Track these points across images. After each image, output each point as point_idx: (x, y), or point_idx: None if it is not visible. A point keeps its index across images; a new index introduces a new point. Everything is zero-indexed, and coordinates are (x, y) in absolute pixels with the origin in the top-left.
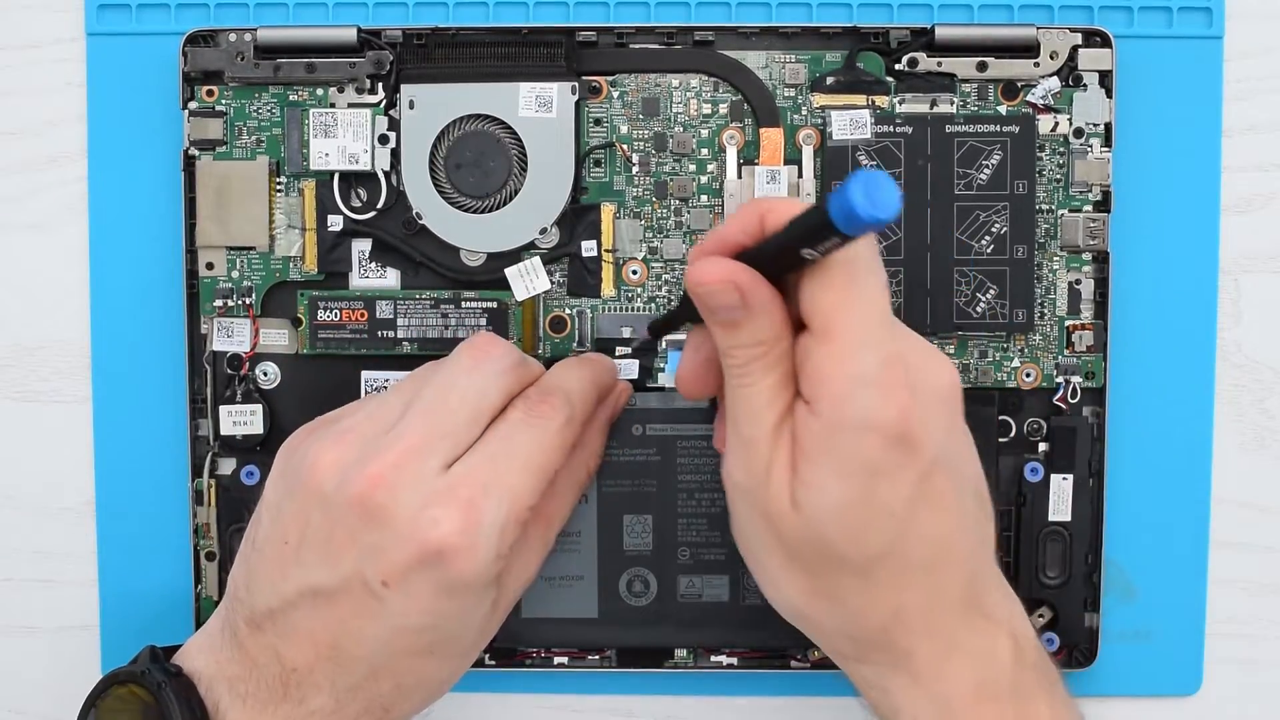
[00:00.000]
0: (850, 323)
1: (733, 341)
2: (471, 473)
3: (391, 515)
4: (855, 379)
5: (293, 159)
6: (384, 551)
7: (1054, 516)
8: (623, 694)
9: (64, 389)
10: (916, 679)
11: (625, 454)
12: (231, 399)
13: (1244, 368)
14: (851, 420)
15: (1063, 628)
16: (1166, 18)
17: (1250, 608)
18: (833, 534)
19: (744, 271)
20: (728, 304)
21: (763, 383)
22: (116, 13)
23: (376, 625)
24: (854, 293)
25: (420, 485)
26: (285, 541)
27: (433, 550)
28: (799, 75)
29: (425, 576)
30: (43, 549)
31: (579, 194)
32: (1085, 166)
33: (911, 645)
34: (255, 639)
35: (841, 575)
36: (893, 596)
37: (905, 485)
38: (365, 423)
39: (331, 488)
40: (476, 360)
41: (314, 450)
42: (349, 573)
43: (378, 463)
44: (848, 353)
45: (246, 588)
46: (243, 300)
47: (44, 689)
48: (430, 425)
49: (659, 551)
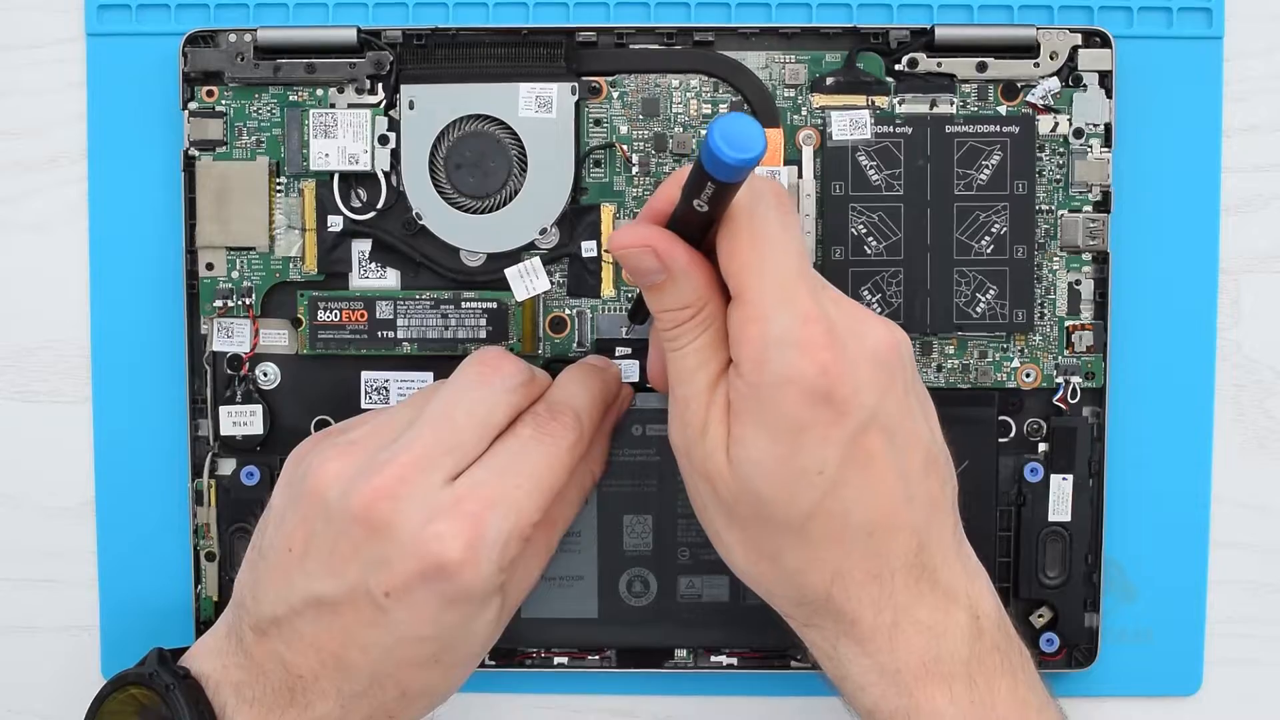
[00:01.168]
0: (763, 282)
1: (658, 305)
2: (478, 487)
3: (395, 528)
4: (773, 338)
5: (293, 159)
6: (387, 564)
7: (1054, 517)
8: (623, 694)
9: (64, 389)
10: (863, 647)
11: (625, 454)
12: (231, 399)
13: (1244, 368)
14: (772, 378)
15: (1063, 628)
16: (1166, 18)
17: (1250, 608)
18: (764, 491)
19: (660, 235)
20: (646, 267)
21: (692, 345)
22: (116, 13)
23: (380, 635)
24: (763, 253)
25: (424, 499)
26: (289, 550)
27: (435, 565)
28: (799, 76)
29: (428, 590)
30: (43, 549)
31: (579, 194)
32: (1085, 167)
33: (856, 612)
34: (261, 645)
35: (779, 534)
36: (831, 559)
37: (834, 444)
38: (371, 435)
39: (335, 498)
40: (485, 376)
41: (318, 460)
42: (352, 583)
43: (382, 475)
44: (762, 312)
45: (253, 595)
46: (243, 301)
47: (44, 689)
48: (436, 439)
49: (659, 552)
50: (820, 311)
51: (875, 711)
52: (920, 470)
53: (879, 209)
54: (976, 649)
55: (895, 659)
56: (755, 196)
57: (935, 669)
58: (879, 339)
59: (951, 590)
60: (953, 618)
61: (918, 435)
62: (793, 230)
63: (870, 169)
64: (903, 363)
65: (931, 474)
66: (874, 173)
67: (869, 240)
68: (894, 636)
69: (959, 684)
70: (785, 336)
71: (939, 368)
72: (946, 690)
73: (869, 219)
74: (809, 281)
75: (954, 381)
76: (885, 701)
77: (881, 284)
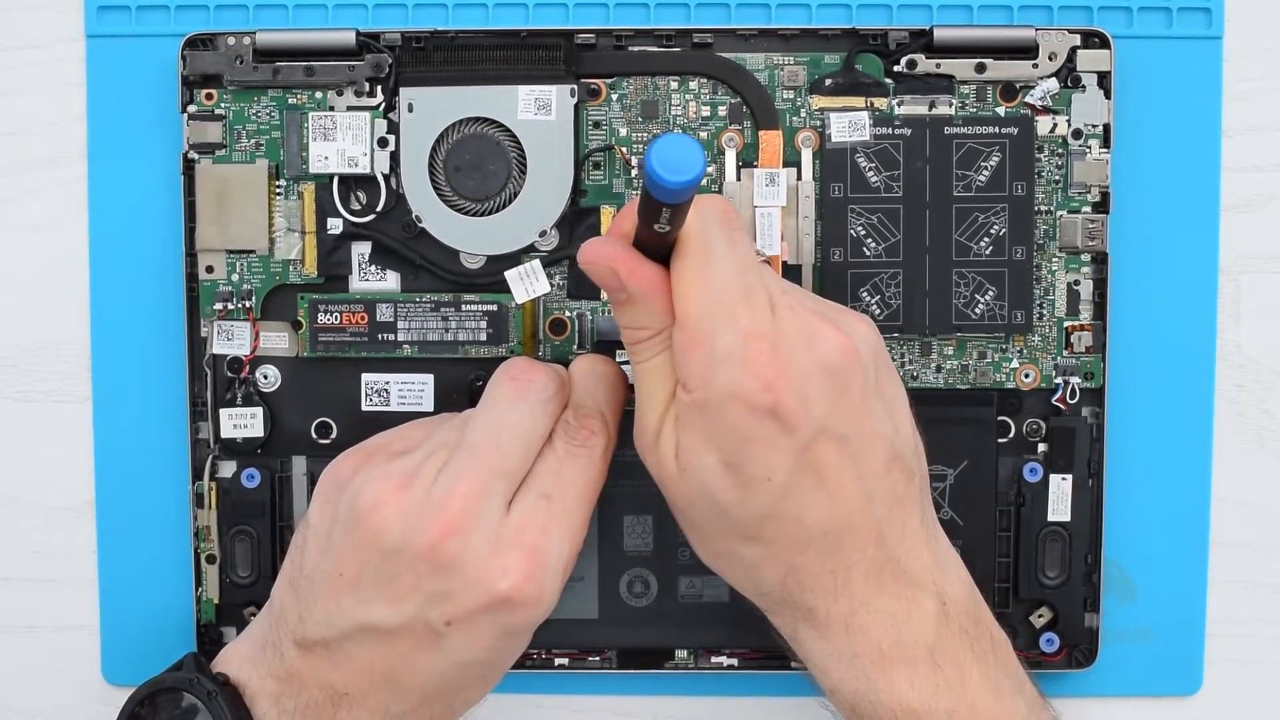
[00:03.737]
0: (704, 304)
1: (620, 320)
2: (531, 515)
3: (461, 564)
4: (714, 358)
5: (292, 162)
6: (452, 597)
7: (1053, 517)
8: (623, 694)
9: (64, 389)
10: (820, 633)
11: (625, 454)
12: (232, 402)
13: (1244, 368)
14: (716, 394)
15: (1063, 628)
16: (1166, 18)
17: (1250, 608)
18: (714, 495)
19: (625, 255)
20: (609, 285)
21: (652, 361)
22: (116, 14)
23: (436, 660)
24: (703, 272)
25: (486, 531)
26: (340, 574)
27: (501, 599)
28: (798, 77)
29: (491, 620)
30: (43, 549)
31: (578, 196)
32: (1084, 167)
33: (811, 602)
34: (306, 661)
35: (731, 534)
36: (785, 556)
37: (782, 454)
38: (423, 463)
39: (397, 535)
40: (520, 391)
41: (372, 492)
42: (412, 614)
43: (446, 512)
44: (705, 334)
45: (297, 615)
46: (243, 303)
47: (44, 689)
48: (488, 465)
49: (659, 552)
50: (763, 328)
51: (837, 692)
52: (882, 469)
53: (878, 210)
54: (942, 634)
55: (852, 644)
56: (702, 217)
57: (894, 653)
58: (830, 347)
59: (918, 578)
60: (918, 604)
61: (879, 435)
62: (739, 247)
63: (869, 170)
64: (860, 365)
65: (894, 470)
66: (873, 174)
67: (868, 242)
68: (850, 624)
69: (921, 667)
70: (729, 354)
71: (938, 368)
72: (908, 673)
73: (868, 220)
74: (754, 297)
75: (953, 382)
76: (845, 684)
77: (880, 285)
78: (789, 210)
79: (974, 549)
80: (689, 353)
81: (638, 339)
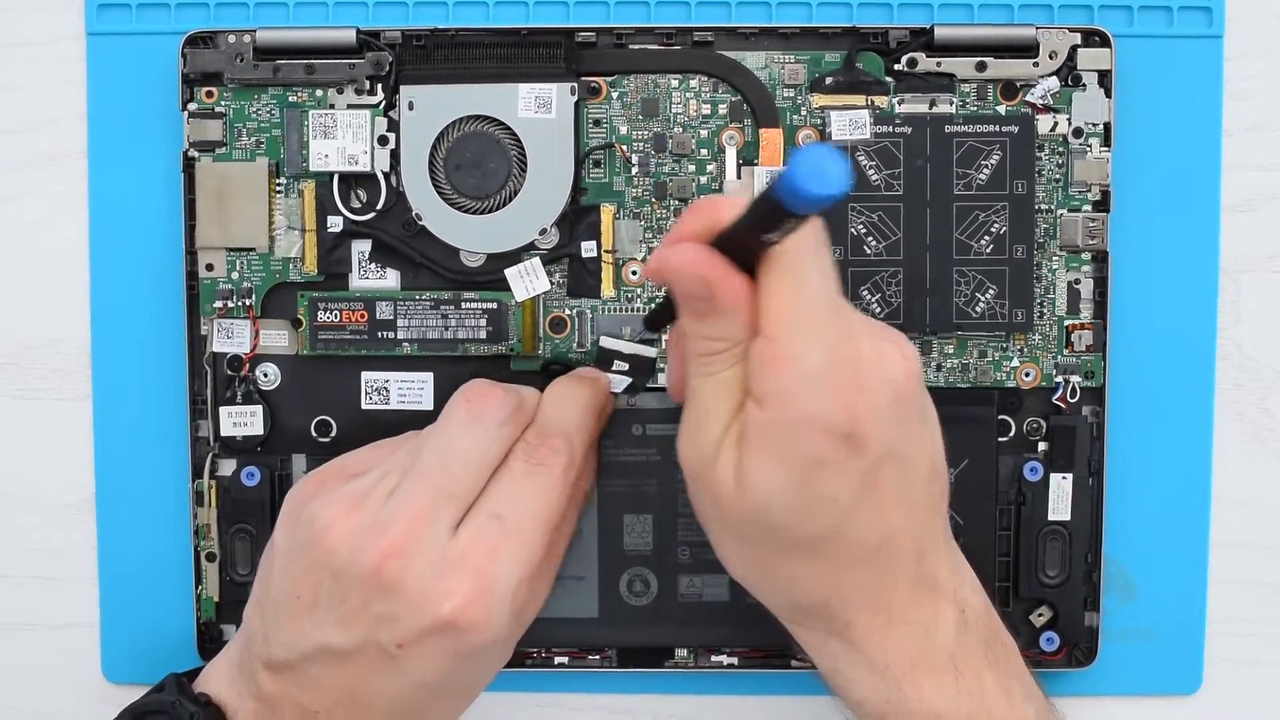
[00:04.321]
0: (793, 319)
1: (699, 331)
2: (479, 537)
3: (404, 587)
4: (801, 379)
5: (292, 160)
6: (398, 621)
7: (1054, 516)
8: (623, 693)
9: (64, 388)
10: (855, 646)
11: (625, 454)
12: (232, 400)
13: (1244, 368)
14: (796, 417)
15: (1063, 627)
16: (1166, 17)
17: (1250, 608)
18: (774, 517)
19: (717, 264)
20: (695, 294)
21: (723, 375)
22: (117, 12)
23: (395, 681)
24: (795, 288)
25: (431, 554)
26: (298, 597)
27: (445, 623)
28: (798, 75)
29: (440, 644)
30: (43, 547)
31: (579, 195)
32: (1084, 166)
33: (851, 617)
34: (275, 683)
35: (782, 552)
36: (835, 574)
37: (851, 477)
38: (375, 485)
39: (345, 556)
40: (474, 415)
41: (325, 515)
42: (363, 636)
43: (389, 534)
44: (793, 351)
45: (263, 637)
46: (243, 301)
47: (44, 688)
48: (434, 490)
49: (659, 551)
50: (848, 351)
51: (864, 703)
52: (925, 484)
53: (878, 209)
54: (962, 641)
55: (885, 655)
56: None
57: (922, 662)
58: (897, 369)
59: (943, 587)
60: (941, 614)
61: (924, 452)
62: (827, 265)
63: (870, 169)
64: (918, 388)
65: (934, 484)
66: (873, 172)
67: (868, 240)
68: (885, 636)
69: (945, 675)
70: (814, 374)
71: (939, 367)
72: (934, 681)
73: (868, 219)
74: (839, 318)
75: (953, 381)
76: (874, 694)
77: (881, 284)
78: None
79: (974, 548)
80: (772, 368)
81: (713, 350)
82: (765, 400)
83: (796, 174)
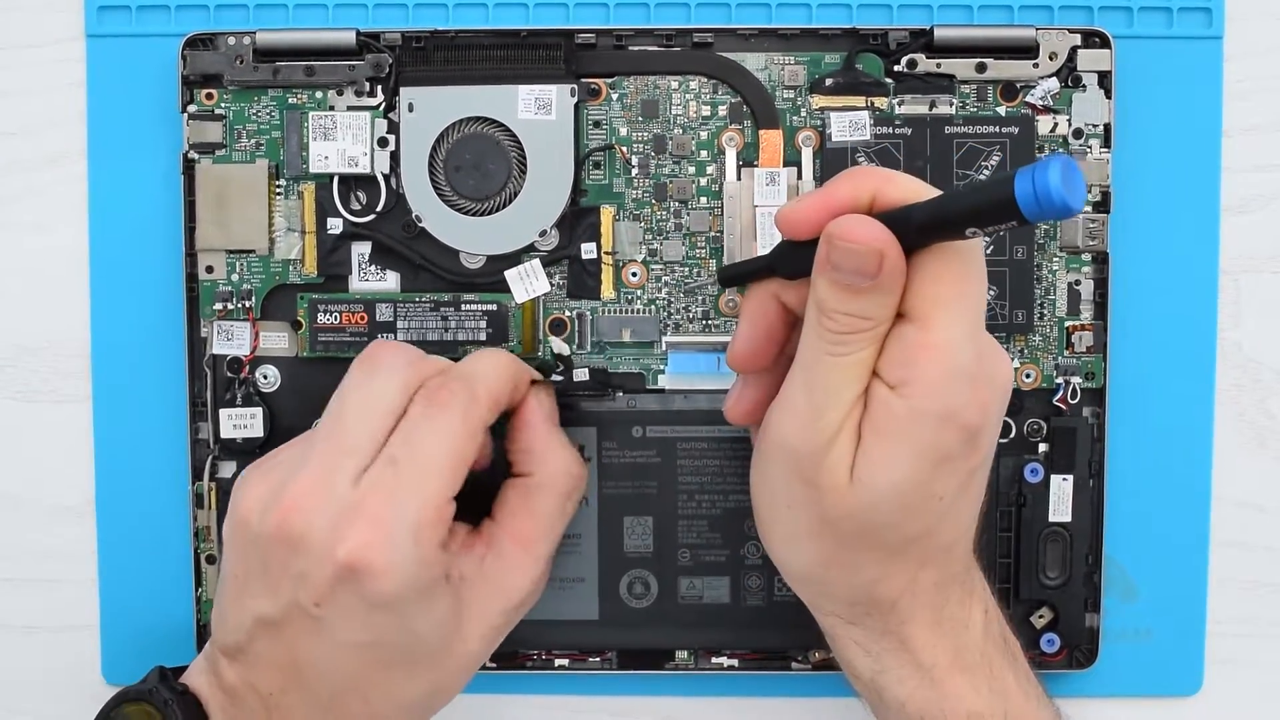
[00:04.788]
0: (955, 315)
1: (847, 308)
2: (376, 483)
3: (307, 540)
4: (953, 371)
5: (292, 162)
6: (308, 576)
7: (1054, 517)
8: (623, 695)
9: (64, 389)
10: (905, 644)
11: (625, 456)
12: (231, 402)
13: (1244, 368)
14: (940, 410)
15: (1063, 628)
16: (1166, 18)
17: (1250, 608)
18: (883, 514)
19: (892, 242)
20: (864, 269)
21: (856, 355)
22: (116, 14)
23: (323, 645)
24: (965, 286)
25: (330, 505)
26: (235, 576)
27: (345, 567)
28: (798, 77)
29: (349, 593)
30: (43, 549)
31: (578, 196)
32: (1084, 167)
33: (913, 615)
34: (232, 669)
35: (871, 550)
36: (912, 573)
37: (960, 475)
38: (286, 458)
39: (255, 523)
40: (366, 370)
41: (243, 488)
42: (287, 601)
43: (289, 492)
44: (949, 345)
45: (218, 623)
46: (242, 303)
47: (44, 689)
48: (332, 445)
49: (659, 553)
50: (989, 350)
51: (907, 703)
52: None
53: None
54: (987, 638)
55: (934, 655)
56: None
57: (958, 661)
58: (1009, 375)
59: (974, 586)
60: (974, 611)
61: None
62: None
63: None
64: None
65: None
66: None
67: None
68: (934, 635)
69: (980, 674)
70: (964, 371)
71: None
72: (970, 680)
73: None
74: (982, 318)
75: None
76: (918, 693)
77: None
78: None
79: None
80: (923, 355)
81: (856, 329)
82: (907, 387)
83: (1054, 181)
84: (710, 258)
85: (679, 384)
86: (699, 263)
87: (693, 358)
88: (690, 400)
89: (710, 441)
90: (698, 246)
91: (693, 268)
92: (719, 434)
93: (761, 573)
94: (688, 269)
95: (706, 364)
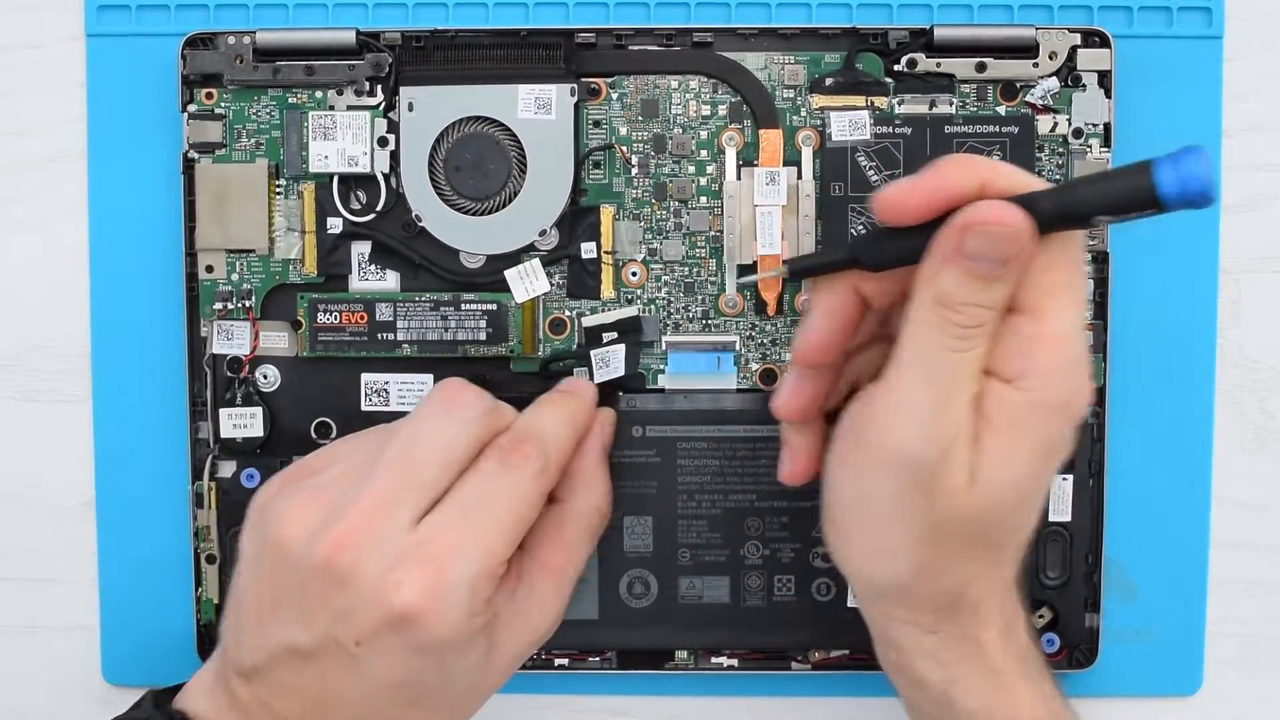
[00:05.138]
0: (1067, 305)
1: (977, 298)
2: (440, 530)
3: (357, 578)
4: (1068, 361)
5: (292, 162)
6: (353, 614)
7: (1054, 517)
8: (623, 695)
9: (64, 389)
10: (982, 649)
11: (625, 456)
12: (231, 402)
13: (1244, 368)
14: (1056, 400)
15: (1063, 628)
16: (1166, 18)
17: (1250, 608)
18: (998, 513)
19: (1032, 227)
20: (1002, 255)
21: (975, 351)
22: (116, 14)
23: (356, 682)
24: (1075, 275)
25: (386, 545)
26: (262, 597)
27: (398, 615)
28: (798, 76)
29: (395, 638)
30: (43, 549)
31: (578, 196)
32: (1084, 167)
33: (990, 617)
34: (247, 691)
35: (974, 550)
36: (1001, 573)
37: (1055, 469)
38: (337, 478)
39: (300, 550)
40: (446, 408)
41: (283, 509)
42: (323, 634)
43: (343, 524)
44: (1064, 335)
45: (235, 643)
46: (242, 303)
47: (44, 689)
48: (396, 479)
49: (659, 553)
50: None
51: (976, 712)
52: None
53: None
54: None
55: (1004, 659)
56: None
57: (1018, 665)
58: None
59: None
60: (1020, 614)
61: None
62: None
63: (870, 170)
64: None
65: None
66: (873, 173)
67: None
68: (1003, 638)
69: (1034, 676)
70: (1076, 358)
71: None
72: (1028, 683)
73: (869, 219)
74: None
75: None
76: (989, 700)
77: None
78: (789, 209)
79: None
80: (1039, 346)
81: (979, 320)
82: (1025, 380)
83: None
84: (710, 257)
85: (679, 384)
86: (699, 262)
87: (693, 357)
88: (690, 400)
89: (710, 441)
90: (698, 246)
91: (693, 267)
92: (719, 434)
93: (761, 573)
94: (688, 268)
95: (706, 364)
